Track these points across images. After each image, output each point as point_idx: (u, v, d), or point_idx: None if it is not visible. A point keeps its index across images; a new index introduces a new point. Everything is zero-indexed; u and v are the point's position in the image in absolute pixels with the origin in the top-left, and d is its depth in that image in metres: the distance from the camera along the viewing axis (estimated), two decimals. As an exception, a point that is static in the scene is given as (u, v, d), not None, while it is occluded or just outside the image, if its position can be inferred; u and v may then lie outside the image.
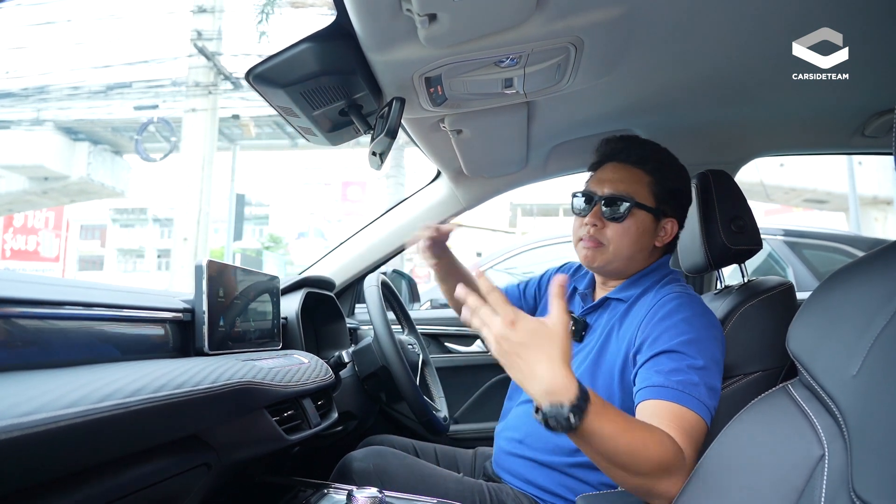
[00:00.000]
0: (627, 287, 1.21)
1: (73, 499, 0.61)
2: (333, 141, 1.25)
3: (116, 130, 15.31)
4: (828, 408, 0.68)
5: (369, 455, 1.20)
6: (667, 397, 0.95)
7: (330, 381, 1.21)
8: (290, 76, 0.99)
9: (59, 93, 13.24)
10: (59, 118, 13.94)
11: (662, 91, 1.34)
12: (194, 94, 10.76)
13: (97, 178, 15.65)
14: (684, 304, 1.08)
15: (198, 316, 0.98)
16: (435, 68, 1.02)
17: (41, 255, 21.42)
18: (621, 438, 0.81)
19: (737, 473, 0.74)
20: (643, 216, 1.18)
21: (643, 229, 1.18)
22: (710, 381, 0.98)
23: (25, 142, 14.08)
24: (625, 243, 1.18)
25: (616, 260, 1.19)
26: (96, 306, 0.77)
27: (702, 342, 1.02)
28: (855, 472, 0.58)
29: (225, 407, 0.81)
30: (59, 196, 16.75)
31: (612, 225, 1.18)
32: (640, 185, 1.18)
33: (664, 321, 1.05)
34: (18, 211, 18.76)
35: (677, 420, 0.92)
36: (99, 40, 22.21)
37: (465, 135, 1.40)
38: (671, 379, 0.96)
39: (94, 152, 15.53)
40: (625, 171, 1.20)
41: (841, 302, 0.74)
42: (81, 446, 0.56)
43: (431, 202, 1.91)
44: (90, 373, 0.64)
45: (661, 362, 1.00)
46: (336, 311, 1.68)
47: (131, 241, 31.12)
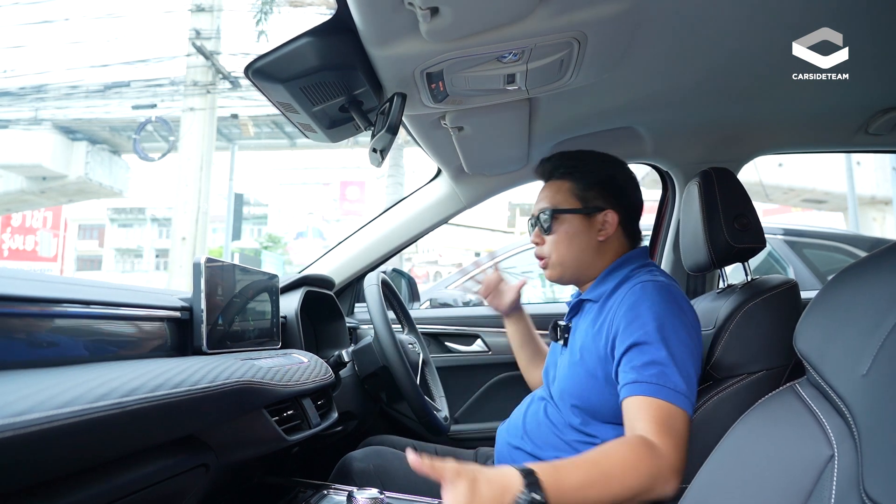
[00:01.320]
0: (597, 286, 1.21)
1: (68, 501, 0.60)
2: (333, 138, 1.23)
3: (115, 130, 15.29)
4: (837, 407, 0.67)
5: (369, 455, 1.20)
6: (643, 392, 0.97)
7: (330, 381, 1.19)
8: (289, 71, 0.97)
9: (57, 92, 13.21)
10: (56, 117, 13.91)
11: (666, 88, 1.33)
12: (192, 94, 10.74)
13: (95, 178, 15.62)
14: (649, 290, 1.07)
15: (196, 314, 0.97)
16: (436, 63, 1.01)
17: (39, 254, 21.38)
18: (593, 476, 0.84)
19: (742, 474, 0.73)
20: (569, 219, 1.21)
21: (574, 231, 1.21)
22: (685, 368, 0.99)
23: (23, 141, 14.06)
24: (562, 250, 1.22)
25: (565, 269, 1.23)
26: (92, 304, 0.75)
27: (669, 328, 1.02)
28: (866, 473, 0.57)
29: (224, 407, 0.80)
30: (57, 196, 16.73)
31: (547, 238, 1.24)
32: (560, 194, 1.23)
33: (631, 311, 1.06)
34: (16, 211, 18.73)
35: (657, 415, 0.94)
36: (97, 39, 22.19)
37: (466, 132, 1.39)
38: (644, 373, 0.98)
39: (92, 152, 15.50)
40: (547, 188, 1.27)
41: (850, 300, 0.72)
42: (76, 447, 0.55)
43: (431, 200, 1.90)
44: (86, 372, 0.63)
45: (633, 357, 1.01)
46: (336, 310, 1.66)
47: (129, 241, 31.10)
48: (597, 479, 0.85)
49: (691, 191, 1.29)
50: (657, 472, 0.88)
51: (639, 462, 0.88)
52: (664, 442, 0.91)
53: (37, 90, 13.28)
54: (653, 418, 0.93)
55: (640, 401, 0.96)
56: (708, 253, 1.23)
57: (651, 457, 0.88)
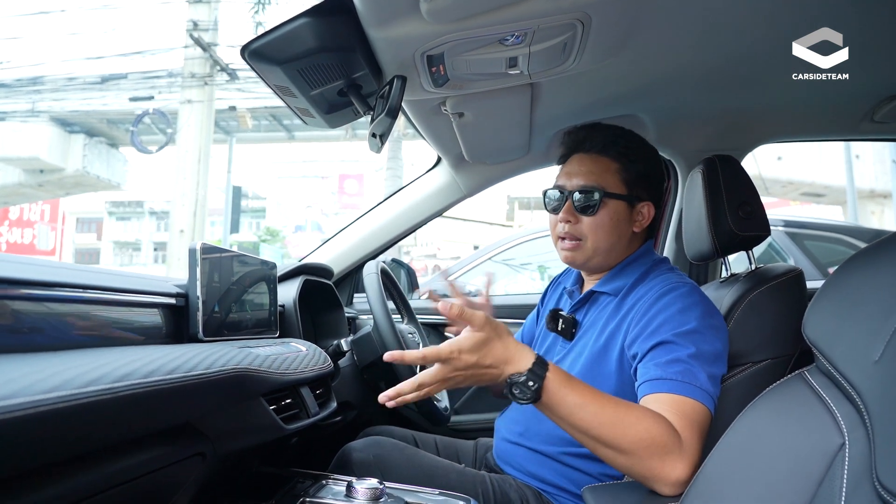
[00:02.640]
0: (613, 278, 1.19)
1: (58, 489, 0.58)
2: (332, 123, 1.21)
3: (112, 122, 15.24)
4: (848, 395, 0.65)
5: (369, 446, 1.18)
6: (666, 389, 0.93)
7: (329, 370, 1.18)
8: (287, 53, 0.95)
9: (54, 84, 13.15)
10: (53, 109, 13.85)
11: (669, 74, 1.30)
12: (190, 86, 10.69)
13: (93, 171, 15.59)
14: (681, 294, 1.05)
15: (192, 301, 0.95)
16: (437, 46, 0.99)
17: (37, 247, 21.35)
18: (590, 408, 0.85)
19: (751, 463, 0.72)
20: (616, 205, 1.16)
21: (618, 218, 1.16)
22: (711, 370, 0.96)
23: (20, 133, 14.01)
24: (601, 236, 1.16)
25: (596, 254, 1.18)
26: (84, 288, 0.73)
27: (700, 332, 0.99)
28: (879, 461, 0.55)
29: (220, 394, 0.78)
30: (54, 189, 16.70)
31: (586, 219, 1.16)
32: (608, 174, 1.17)
33: (661, 313, 1.03)
34: (14, 204, 18.70)
35: (681, 409, 0.91)
36: (93, 31, 22.05)
37: (467, 118, 1.37)
38: (669, 370, 0.95)
39: (89, 144, 15.47)
40: (591, 162, 1.18)
41: (860, 286, 0.71)
42: (64, 433, 0.53)
43: (431, 189, 1.88)
44: (76, 357, 0.61)
45: (658, 354, 0.98)
46: (334, 299, 1.65)
47: (128, 234, 31.07)
48: (596, 407, 0.85)
49: (695, 179, 1.27)
50: (669, 447, 0.84)
51: (654, 425, 0.85)
52: (686, 433, 0.87)
53: (33, 82, 13.22)
54: (677, 411, 0.90)
55: (664, 397, 0.92)
56: (712, 241, 1.21)
57: (670, 431, 0.86)
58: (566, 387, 0.85)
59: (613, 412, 0.86)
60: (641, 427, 0.85)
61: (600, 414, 0.85)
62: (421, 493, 1.06)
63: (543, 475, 1.14)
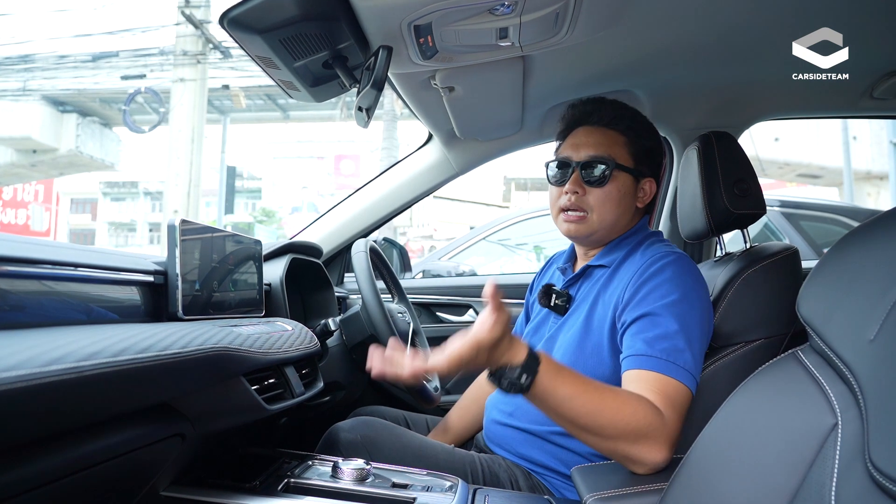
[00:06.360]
0: (609, 252, 1.18)
1: (28, 470, 0.56)
2: (317, 97, 1.17)
3: (105, 102, 15.06)
4: (841, 374, 0.64)
5: (357, 426, 1.17)
6: (650, 367, 0.94)
7: (315, 349, 1.16)
8: (267, 21, 0.91)
9: (45, 62, 12.96)
10: (44, 88, 13.66)
11: (664, 48, 1.27)
12: (182, 64, 10.54)
13: (86, 151, 15.45)
14: (671, 262, 1.05)
15: (171, 279, 0.92)
16: (424, 14, 0.95)
17: (31, 228, 21.20)
18: (579, 399, 0.85)
19: (742, 442, 0.71)
20: (624, 178, 1.15)
21: (624, 192, 1.15)
22: (696, 347, 0.97)
23: (12, 113, 13.84)
24: (608, 208, 1.14)
25: (601, 227, 1.16)
26: (56, 265, 0.71)
27: (687, 303, 1.00)
28: (872, 442, 0.54)
29: (196, 374, 0.76)
30: (47, 169, 16.55)
31: (594, 190, 1.14)
32: (617, 146, 1.16)
33: (651, 280, 1.03)
34: (7, 184, 18.50)
35: (664, 389, 0.92)
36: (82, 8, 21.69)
37: (458, 93, 1.33)
38: (655, 347, 0.95)
39: (82, 124, 15.31)
40: (599, 134, 1.17)
41: (856, 264, 0.69)
42: (25, 414, 0.51)
43: (422, 166, 1.84)
44: (42, 335, 0.58)
45: (645, 327, 0.98)
46: (323, 278, 1.62)
47: (122, 215, 30.92)
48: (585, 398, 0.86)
49: (690, 156, 1.25)
50: (651, 431, 0.87)
51: (637, 410, 0.87)
52: (668, 415, 0.90)
53: (24, 60, 13.02)
54: (660, 391, 0.92)
55: (648, 375, 0.94)
56: (706, 219, 1.19)
57: (653, 414, 0.88)
58: (556, 379, 0.85)
59: (600, 400, 0.87)
60: (626, 412, 0.87)
61: (588, 403, 0.86)
62: (408, 473, 1.05)
63: (533, 456, 1.13)
